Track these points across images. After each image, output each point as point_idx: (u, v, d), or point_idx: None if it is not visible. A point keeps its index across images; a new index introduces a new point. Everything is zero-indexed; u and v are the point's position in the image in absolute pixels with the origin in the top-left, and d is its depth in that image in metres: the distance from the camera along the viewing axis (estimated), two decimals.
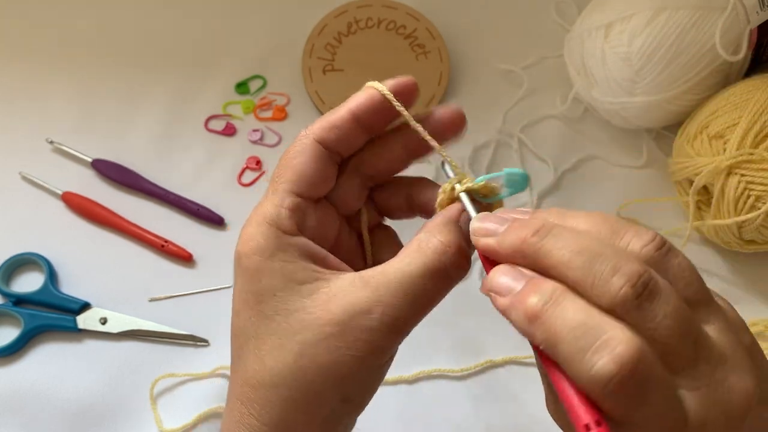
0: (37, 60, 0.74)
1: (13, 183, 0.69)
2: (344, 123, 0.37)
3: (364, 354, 0.33)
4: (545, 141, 0.71)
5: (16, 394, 0.60)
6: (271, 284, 0.35)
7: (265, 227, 0.35)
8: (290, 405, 0.34)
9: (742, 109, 0.59)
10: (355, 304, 0.33)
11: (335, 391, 0.34)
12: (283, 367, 0.34)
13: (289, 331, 0.34)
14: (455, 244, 0.34)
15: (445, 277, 0.34)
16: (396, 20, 0.74)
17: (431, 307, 0.35)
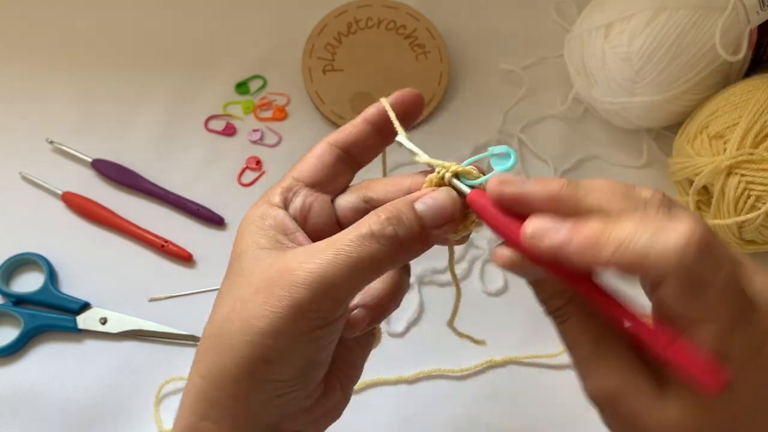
0: (37, 60, 0.74)
1: (13, 183, 0.69)
2: (355, 125, 0.40)
3: (286, 312, 0.33)
4: (545, 141, 0.71)
5: (16, 394, 0.60)
6: (241, 246, 0.37)
7: (260, 202, 0.39)
8: (216, 354, 0.35)
9: (742, 109, 0.59)
10: (287, 264, 0.34)
11: (252, 345, 0.34)
12: (219, 318, 0.36)
13: (234, 287, 0.36)
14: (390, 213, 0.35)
15: (374, 242, 0.34)
16: (396, 20, 0.74)
17: (360, 274, 0.34)
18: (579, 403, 0.60)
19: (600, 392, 0.34)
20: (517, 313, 0.63)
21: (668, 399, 0.32)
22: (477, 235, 0.66)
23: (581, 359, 0.35)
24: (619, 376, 0.33)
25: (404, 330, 0.63)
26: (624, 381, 0.33)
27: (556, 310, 0.35)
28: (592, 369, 0.34)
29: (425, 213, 0.36)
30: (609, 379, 0.33)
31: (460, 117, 0.72)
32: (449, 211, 0.36)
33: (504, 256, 0.35)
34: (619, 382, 0.33)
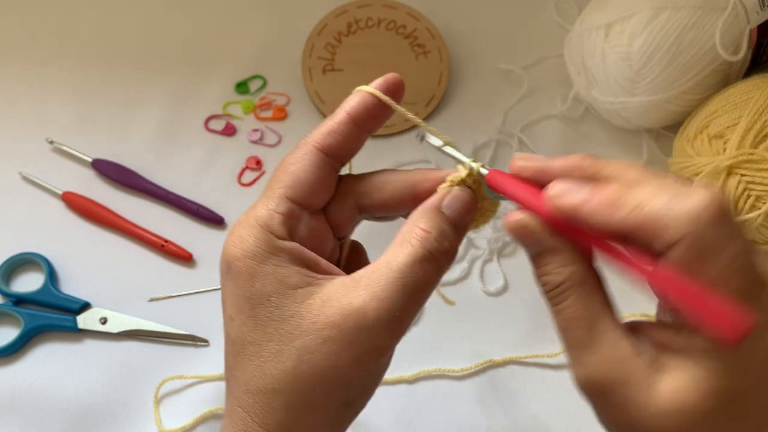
0: (37, 60, 0.74)
1: (13, 183, 0.69)
2: (343, 127, 0.37)
3: (362, 355, 0.33)
4: (545, 141, 0.71)
5: (16, 394, 0.60)
6: (264, 289, 0.34)
7: (257, 231, 0.35)
8: (292, 411, 0.34)
9: (742, 109, 0.59)
10: (349, 305, 0.33)
11: (336, 395, 0.34)
12: (283, 373, 0.34)
13: (286, 337, 0.34)
14: (437, 229, 0.35)
15: (432, 263, 0.34)
16: (396, 20, 0.74)
17: (425, 297, 0.35)
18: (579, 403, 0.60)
19: (592, 380, 0.33)
20: (517, 313, 0.63)
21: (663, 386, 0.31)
22: (477, 235, 0.66)
23: (574, 344, 0.34)
24: (613, 361, 0.32)
25: None
26: (618, 367, 0.32)
27: (555, 287, 0.34)
28: (584, 355, 0.33)
29: (455, 216, 0.36)
30: (602, 366, 0.33)
31: (460, 117, 0.72)
32: (472, 208, 0.37)
33: (517, 218, 0.34)
34: (613, 368, 0.32)
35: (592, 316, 0.33)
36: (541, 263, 0.35)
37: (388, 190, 0.38)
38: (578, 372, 0.34)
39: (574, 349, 0.34)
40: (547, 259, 0.34)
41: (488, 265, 0.66)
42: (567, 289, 0.34)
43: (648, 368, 0.32)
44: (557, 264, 0.34)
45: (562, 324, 0.34)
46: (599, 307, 0.34)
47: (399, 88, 0.38)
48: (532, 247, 0.35)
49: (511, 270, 0.65)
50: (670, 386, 0.31)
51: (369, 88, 0.38)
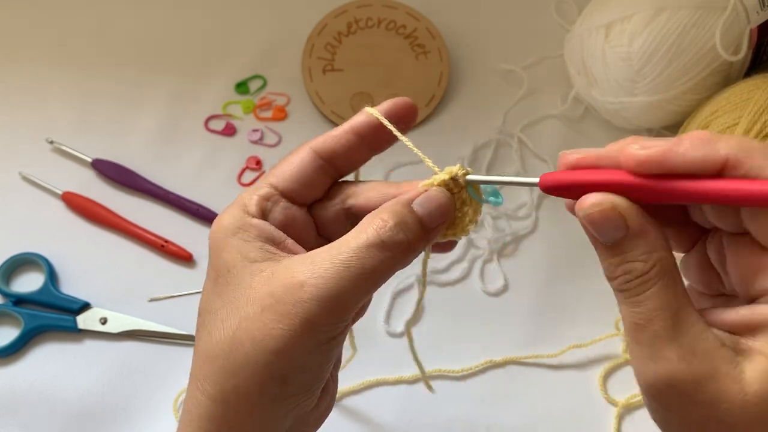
0: (37, 60, 0.74)
1: (13, 183, 0.69)
2: (341, 135, 0.38)
3: (296, 329, 0.33)
4: (545, 141, 0.71)
5: (16, 394, 0.60)
6: (227, 260, 0.36)
7: (234, 209, 0.37)
8: (226, 376, 0.34)
9: (742, 109, 0.59)
10: (291, 278, 0.34)
11: (268, 366, 0.34)
12: (223, 338, 0.34)
13: (235, 304, 0.35)
14: (395, 219, 0.34)
15: (383, 252, 0.34)
16: (396, 20, 0.74)
17: (371, 285, 0.34)
18: (579, 403, 0.60)
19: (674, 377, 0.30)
20: (517, 313, 0.63)
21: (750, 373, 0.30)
22: (477, 235, 0.66)
23: (655, 337, 0.31)
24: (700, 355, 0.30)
25: (404, 330, 0.63)
26: (706, 361, 0.30)
27: (640, 275, 0.31)
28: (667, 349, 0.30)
29: (425, 213, 0.35)
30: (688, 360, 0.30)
31: (460, 117, 0.72)
32: (446, 209, 0.36)
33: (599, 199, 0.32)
34: (701, 362, 0.30)
35: (677, 306, 0.31)
36: (622, 251, 0.32)
37: (373, 191, 0.38)
38: (656, 369, 0.31)
39: (655, 343, 0.31)
40: (632, 245, 0.32)
41: (488, 265, 0.66)
42: (654, 276, 0.31)
43: (734, 357, 0.30)
44: (644, 249, 0.31)
45: (645, 315, 0.31)
46: (683, 296, 0.31)
47: (408, 112, 0.38)
48: (617, 231, 0.32)
49: (511, 270, 0.65)
50: (757, 370, 0.30)
51: (372, 110, 0.38)
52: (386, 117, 0.38)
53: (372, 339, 0.62)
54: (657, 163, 0.31)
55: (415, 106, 0.39)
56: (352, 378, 0.60)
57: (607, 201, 0.32)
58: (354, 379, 0.60)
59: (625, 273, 0.32)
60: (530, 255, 0.66)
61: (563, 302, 0.64)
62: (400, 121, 0.38)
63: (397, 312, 0.64)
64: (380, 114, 0.38)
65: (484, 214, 0.67)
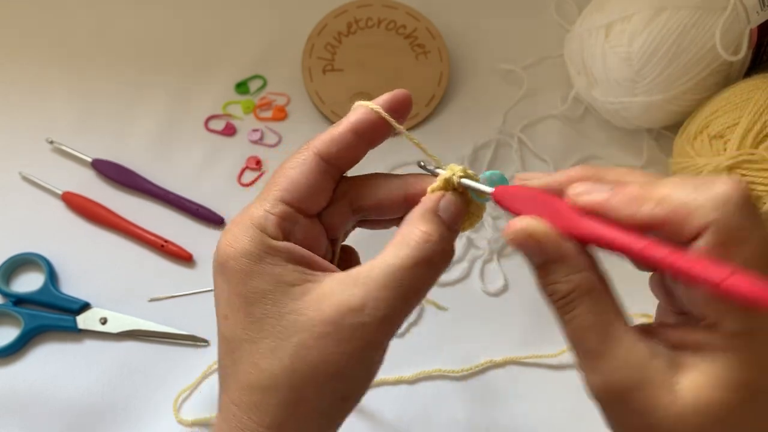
0: (37, 60, 0.74)
1: (13, 183, 0.69)
2: (344, 137, 0.37)
3: (357, 351, 0.33)
4: (545, 141, 0.71)
5: (16, 394, 0.60)
6: (260, 287, 0.34)
7: (252, 231, 0.35)
8: (288, 407, 0.34)
9: (742, 109, 0.59)
10: (346, 302, 0.33)
11: (332, 390, 0.34)
12: (279, 369, 0.34)
13: (283, 333, 0.34)
14: (437, 232, 0.35)
15: (431, 266, 0.35)
16: (396, 20, 0.74)
17: (421, 297, 0.35)
18: (579, 403, 0.60)
19: (609, 387, 0.32)
20: (517, 313, 0.63)
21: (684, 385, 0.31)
22: (477, 235, 0.66)
23: (588, 353, 0.33)
24: (631, 366, 0.32)
25: (404, 330, 0.63)
26: (637, 371, 0.31)
27: (563, 296, 0.33)
28: (599, 363, 0.32)
29: (450, 219, 0.36)
30: (619, 372, 0.32)
31: (460, 117, 0.72)
32: (463, 213, 0.37)
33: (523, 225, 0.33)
34: (632, 372, 0.31)
35: (604, 322, 0.33)
36: (547, 272, 0.34)
37: (382, 191, 0.38)
38: (593, 380, 0.33)
39: (588, 358, 0.33)
40: (554, 267, 0.33)
41: (488, 265, 0.66)
42: (577, 297, 0.33)
43: (667, 369, 0.31)
44: (565, 272, 0.33)
45: (574, 333, 0.33)
46: (610, 312, 0.33)
47: (405, 104, 0.38)
48: (537, 256, 0.34)
49: (511, 270, 0.65)
50: (692, 384, 0.31)
51: (370, 104, 0.38)
52: (385, 110, 0.38)
53: None
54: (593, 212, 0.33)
55: (411, 98, 0.39)
56: None
57: (530, 227, 0.33)
58: None
59: (551, 294, 0.34)
60: None
61: None
62: (397, 114, 0.38)
63: None
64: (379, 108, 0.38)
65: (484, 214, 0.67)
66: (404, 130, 0.38)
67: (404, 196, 0.38)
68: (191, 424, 0.59)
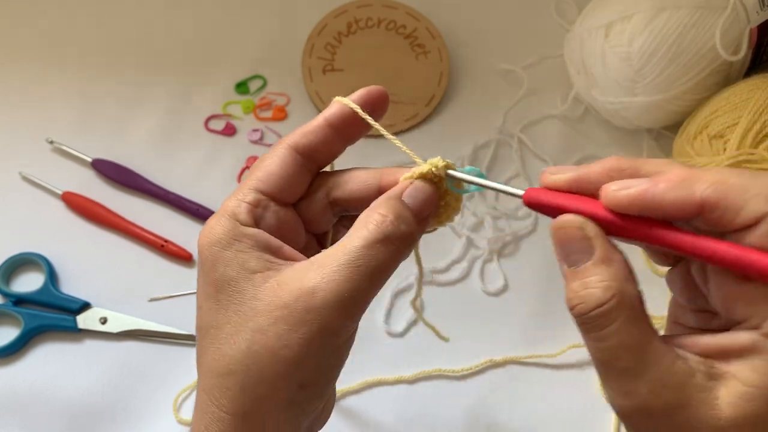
0: (37, 60, 0.74)
1: (13, 183, 0.69)
2: (318, 129, 0.38)
3: (313, 335, 0.33)
4: (545, 141, 0.71)
5: (16, 394, 0.60)
6: (225, 273, 0.35)
7: (224, 219, 0.36)
8: (246, 391, 0.34)
9: (742, 109, 0.59)
10: (300, 286, 0.33)
11: (289, 375, 0.34)
12: (237, 353, 0.34)
13: (243, 318, 0.34)
14: (395, 214, 0.35)
15: (387, 246, 0.34)
16: (396, 20, 0.74)
17: (380, 280, 0.35)
18: (579, 403, 0.60)
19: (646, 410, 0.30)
20: (517, 313, 0.63)
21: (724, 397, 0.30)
22: (477, 236, 0.66)
23: (622, 373, 0.31)
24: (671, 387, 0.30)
25: (404, 330, 0.63)
26: (678, 392, 0.30)
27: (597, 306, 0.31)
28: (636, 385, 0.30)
29: (415, 205, 0.36)
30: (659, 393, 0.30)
31: (460, 117, 0.72)
32: (432, 199, 0.37)
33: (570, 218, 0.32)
34: (672, 394, 0.30)
35: (643, 341, 0.30)
36: (584, 275, 0.31)
37: (356, 182, 0.38)
38: (627, 403, 0.31)
39: (623, 379, 0.31)
40: (594, 271, 0.31)
41: (488, 265, 0.66)
42: (615, 308, 0.30)
43: (706, 384, 0.30)
44: (606, 277, 0.31)
45: (610, 353, 0.31)
46: (648, 329, 0.31)
47: (381, 100, 0.39)
48: (579, 255, 0.32)
49: (511, 270, 0.65)
50: (732, 394, 0.30)
51: (345, 100, 0.38)
52: (359, 106, 0.38)
53: (372, 339, 0.62)
54: (633, 206, 0.31)
55: (387, 94, 0.39)
56: (351, 378, 0.60)
57: (577, 222, 0.32)
58: (354, 379, 0.60)
59: (582, 301, 0.31)
60: (530, 255, 0.66)
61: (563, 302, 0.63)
62: (373, 110, 0.38)
63: (396, 312, 0.64)
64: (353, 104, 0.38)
65: (484, 214, 0.67)
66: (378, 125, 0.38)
67: (378, 187, 0.38)
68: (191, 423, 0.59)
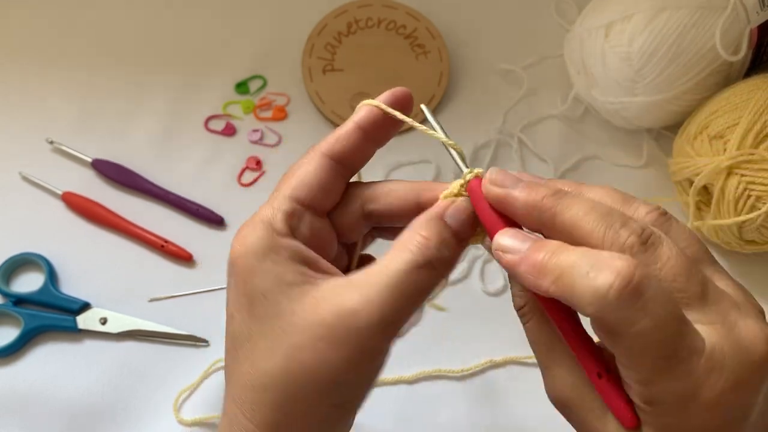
0: (36, 60, 0.74)
1: (13, 183, 0.69)
2: (350, 134, 0.38)
3: (353, 356, 0.33)
4: (545, 141, 0.71)
5: (16, 394, 0.60)
6: (261, 285, 0.35)
7: (259, 228, 0.35)
8: (281, 408, 0.34)
9: (742, 109, 0.59)
10: (342, 306, 0.33)
11: (326, 395, 0.34)
12: (273, 369, 0.34)
13: (279, 333, 0.34)
14: (437, 237, 0.35)
15: (429, 271, 0.34)
16: (396, 20, 0.74)
17: (419, 303, 0.35)
18: None
19: (554, 396, 0.35)
20: None
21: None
22: None
23: (539, 362, 0.36)
24: (569, 386, 0.34)
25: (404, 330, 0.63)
26: (574, 391, 0.34)
27: (518, 309, 0.37)
28: (547, 374, 0.35)
29: (458, 226, 0.36)
30: (561, 387, 0.35)
31: (460, 117, 0.72)
32: (473, 222, 0.37)
33: None
34: (570, 392, 0.34)
35: (549, 339, 0.35)
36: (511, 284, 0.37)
37: (393, 196, 0.38)
38: (545, 386, 0.36)
39: (540, 365, 0.36)
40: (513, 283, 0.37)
41: (488, 265, 0.66)
42: (529, 313, 0.36)
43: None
44: (518, 288, 0.37)
45: (529, 342, 0.37)
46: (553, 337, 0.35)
47: (406, 101, 0.39)
48: None
49: None
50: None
51: (375, 102, 0.38)
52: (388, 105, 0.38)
53: None
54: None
55: (411, 94, 0.39)
56: None
57: None
58: None
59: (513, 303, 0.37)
60: None
61: None
62: (400, 111, 0.38)
63: None
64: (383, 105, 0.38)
65: None
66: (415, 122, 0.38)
67: (416, 202, 0.38)
68: (191, 424, 0.59)
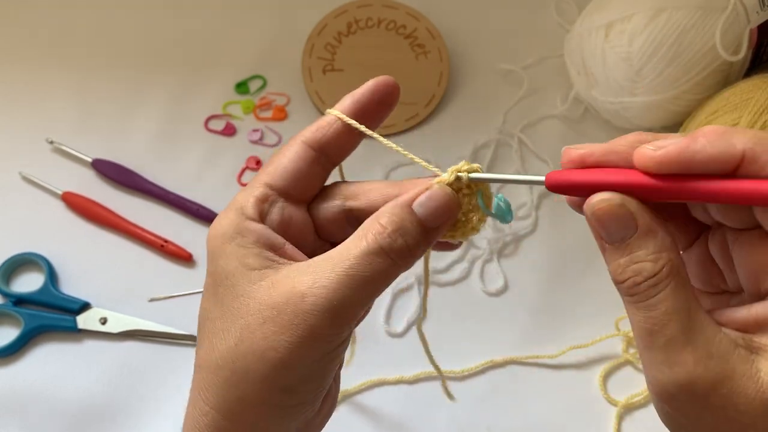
0: (37, 60, 0.74)
1: (13, 183, 0.69)
2: (331, 124, 0.37)
3: (300, 340, 0.32)
4: (545, 141, 0.71)
5: (16, 394, 0.60)
6: (225, 267, 0.35)
7: (231, 212, 0.36)
8: (230, 388, 0.34)
9: (742, 109, 0.59)
10: (292, 289, 0.33)
11: (272, 379, 0.33)
12: (225, 349, 0.34)
13: (235, 315, 0.34)
14: (395, 224, 0.34)
15: (384, 259, 0.33)
16: (396, 20, 0.74)
17: (373, 292, 0.34)
18: (579, 404, 0.60)
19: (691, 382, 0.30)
20: (517, 313, 0.63)
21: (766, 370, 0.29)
22: (477, 235, 0.66)
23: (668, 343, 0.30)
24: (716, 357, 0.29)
25: (404, 330, 0.63)
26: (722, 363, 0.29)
27: (650, 277, 0.30)
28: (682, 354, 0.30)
29: (425, 214, 0.34)
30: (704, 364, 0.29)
31: (460, 117, 0.72)
32: (449, 208, 0.35)
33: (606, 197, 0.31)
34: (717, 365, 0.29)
35: (690, 307, 0.30)
36: (630, 250, 0.31)
37: (375, 193, 0.37)
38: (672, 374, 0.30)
39: (669, 348, 0.30)
40: (640, 244, 0.31)
41: (488, 265, 0.66)
42: (665, 277, 0.30)
43: (749, 356, 0.30)
44: (653, 249, 0.30)
45: (658, 320, 0.30)
46: (695, 297, 0.31)
47: (390, 91, 0.38)
48: (622, 231, 0.31)
49: (511, 270, 0.65)
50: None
51: (336, 112, 0.37)
52: (370, 97, 0.37)
53: (372, 339, 0.62)
54: (673, 163, 0.30)
55: (397, 85, 0.38)
56: (352, 378, 0.60)
57: (616, 198, 0.31)
58: (355, 380, 0.60)
59: (635, 274, 0.31)
60: (530, 255, 0.66)
61: (563, 302, 0.64)
62: (383, 102, 0.38)
63: (397, 312, 0.64)
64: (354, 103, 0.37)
65: None
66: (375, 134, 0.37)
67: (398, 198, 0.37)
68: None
